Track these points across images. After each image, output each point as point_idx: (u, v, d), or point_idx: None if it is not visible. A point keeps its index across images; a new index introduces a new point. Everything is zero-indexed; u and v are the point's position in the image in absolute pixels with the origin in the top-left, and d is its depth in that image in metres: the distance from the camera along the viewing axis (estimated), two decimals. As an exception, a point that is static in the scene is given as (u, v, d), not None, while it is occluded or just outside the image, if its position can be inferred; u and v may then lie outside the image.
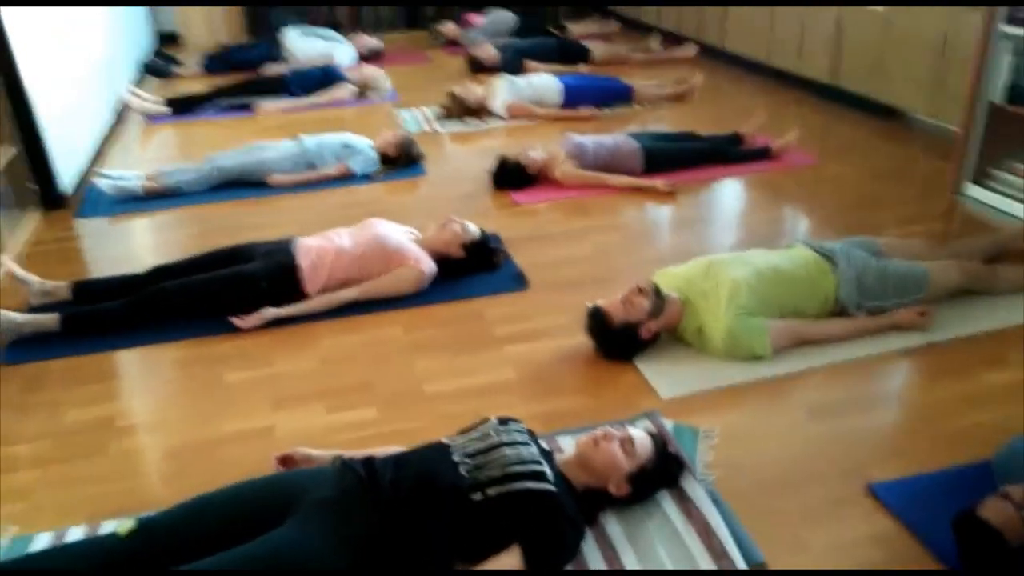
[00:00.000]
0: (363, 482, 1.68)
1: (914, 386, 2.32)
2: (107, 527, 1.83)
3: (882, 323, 2.50)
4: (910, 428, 2.12)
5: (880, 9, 4.39)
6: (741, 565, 1.66)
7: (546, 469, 1.69)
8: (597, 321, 2.41)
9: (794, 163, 4.01)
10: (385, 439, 2.07)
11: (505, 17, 6.97)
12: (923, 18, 4.13)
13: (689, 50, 6.13)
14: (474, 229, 3.00)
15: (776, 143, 4.07)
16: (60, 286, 2.83)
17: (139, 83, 5.93)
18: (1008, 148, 3.39)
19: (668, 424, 2.12)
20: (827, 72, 4.92)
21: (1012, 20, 3.15)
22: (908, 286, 2.53)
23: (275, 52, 6.21)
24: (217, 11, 7.37)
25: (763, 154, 4.05)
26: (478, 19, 7.01)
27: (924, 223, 3.29)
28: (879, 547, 1.73)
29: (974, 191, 3.46)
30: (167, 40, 7.37)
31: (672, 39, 6.58)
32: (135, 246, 3.45)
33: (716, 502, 1.83)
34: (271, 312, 2.68)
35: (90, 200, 3.86)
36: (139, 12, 6.88)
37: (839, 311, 2.53)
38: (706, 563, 1.68)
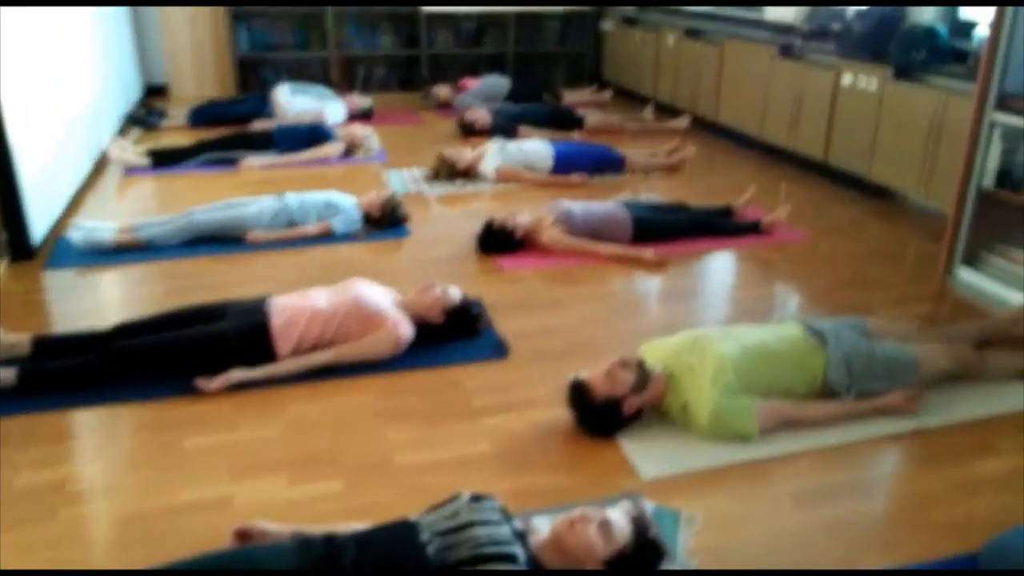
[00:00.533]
0: (322, 562, 1.59)
1: (903, 473, 2.24)
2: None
3: (871, 407, 2.43)
4: (899, 518, 2.04)
5: (873, 89, 4.45)
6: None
7: (518, 552, 1.61)
8: (579, 395, 2.33)
9: (785, 239, 4.00)
10: (350, 514, 1.96)
11: (499, 82, 7.06)
12: (915, 101, 4.19)
13: (682, 121, 6.20)
14: (456, 294, 2.93)
15: (767, 218, 4.06)
16: (20, 340, 2.71)
17: (123, 133, 5.91)
18: (998, 232, 3.38)
19: (649, 506, 2.03)
20: (820, 149, 4.96)
21: (1002, 107, 3.17)
22: (897, 370, 2.47)
23: (264, 108, 6.21)
24: (209, 65, 7.42)
25: (753, 228, 4.04)
26: (472, 83, 7.10)
27: (914, 305, 3.25)
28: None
29: (965, 274, 3.43)
30: (155, 92, 7.41)
31: (666, 110, 6.67)
32: (103, 300, 3.35)
33: (697, 594, 1.72)
34: (238, 375, 2.57)
35: (60, 251, 3.76)
36: (129, 62, 6.91)
37: (827, 392, 2.46)
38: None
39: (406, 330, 2.77)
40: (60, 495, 2.10)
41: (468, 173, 4.96)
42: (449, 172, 4.94)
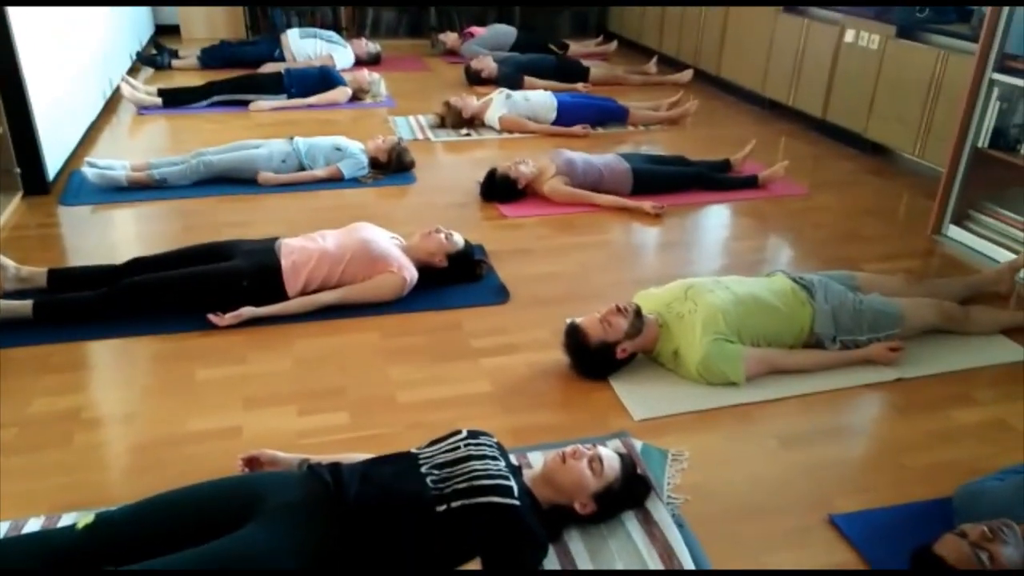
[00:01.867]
0: (328, 490, 1.67)
1: (883, 420, 2.34)
2: (67, 520, 1.81)
3: (855, 357, 2.52)
4: (876, 462, 2.14)
5: (874, 47, 4.45)
6: (699, 590, 1.67)
7: (512, 484, 1.69)
8: (574, 338, 2.41)
9: (782, 193, 4.05)
10: (355, 445, 2.06)
11: (506, 31, 7.00)
12: (915, 60, 4.20)
13: (685, 75, 6.18)
14: (459, 239, 3.00)
15: (764, 173, 4.10)
16: (36, 273, 2.80)
17: (133, 72, 5.91)
18: (988, 191, 3.45)
19: (638, 445, 2.13)
20: (819, 106, 4.98)
21: (1001, 68, 3.20)
22: (882, 322, 2.56)
23: (274, 51, 6.21)
24: (219, 6, 7.37)
25: (751, 182, 4.09)
26: (479, 31, 7.05)
27: (904, 260, 3.33)
28: (837, 578, 1.74)
29: (954, 232, 3.50)
30: (166, 32, 7.36)
31: (670, 63, 6.64)
32: (116, 236, 3.43)
33: (680, 525, 1.84)
34: (249, 311, 2.67)
35: (73, 187, 3.83)
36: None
37: (814, 343, 2.55)
38: (665, 587, 1.69)
39: (410, 273, 2.85)
40: (75, 422, 2.19)
41: (474, 121, 4.99)
42: (455, 120, 4.96)
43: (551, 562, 1.73)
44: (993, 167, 3.34)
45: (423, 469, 1.72)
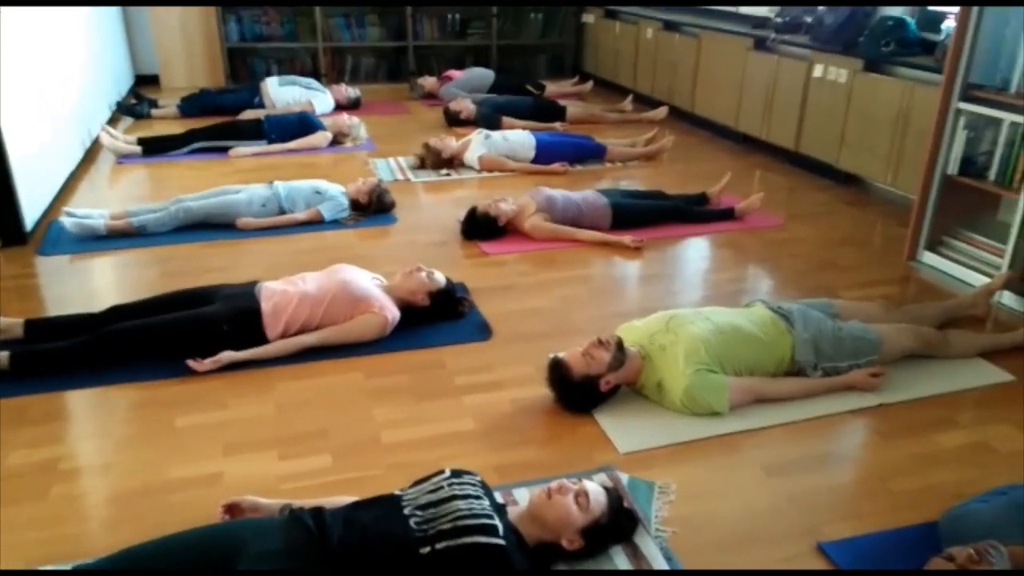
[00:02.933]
0: (311, 535, 1.64)
1: (867, 446, 2.34)
2: None
3: (836, 383, 2.53)
4: (862, 488, 2.14)
5: (843, 80, 4.57)
6: (690, 624, 1.65)
7: (497, 523, 1.67)
8: (557, 373, 2.41)
9: (758, 224, 4.11)
10: (338, 488, 2.03)
11: (483, 74, 7.12)
12: (883, 92, 4.31)
13: (660, 112, 6.30)
14: (440, 278, 3.01)
15: (740, 204, 4.16)
16: (13, 323, 2.77)
17: (113, 122, 5.94)
18: (961, 217, 3.52)
19: (624, 478, 2.12)
20: (792, 139, 5.08)
21: (966, 97, 3.29)
22: (862, 348, 2.58)
23: (254, 98, 6.26)
24: (199, 55, 7.45)
25: (727, 215, 4.14)
26: (457, 74, 7.16)
27: (880, 287, 3.37)
28: (828, 608, 1.73)
29: (929, 258, 3.56)
30: (146, 81, 7.42)
31: (645, 101, 6.76)
32: (95, 285, 3.40)
33: (668, 558, 1.83)
34: (229, 355, 2.65)
35: (51, 237, 3.81)
36: (119, 52, 6.93)
37: (795, 371, 2.57)
38: (655, 622, 1.66)
39: (392, 313, 2.85)
40: (52, 474, 2.15)
41: (453, 162, 5.05)
42: (435, 161, 5.01)
43: (539, 601, 1.70)
44: (964, 193, 3.41)
45: (406, 511, 1.71)
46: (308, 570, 1.58)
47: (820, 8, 4.88)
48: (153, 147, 5.21)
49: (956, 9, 3.25)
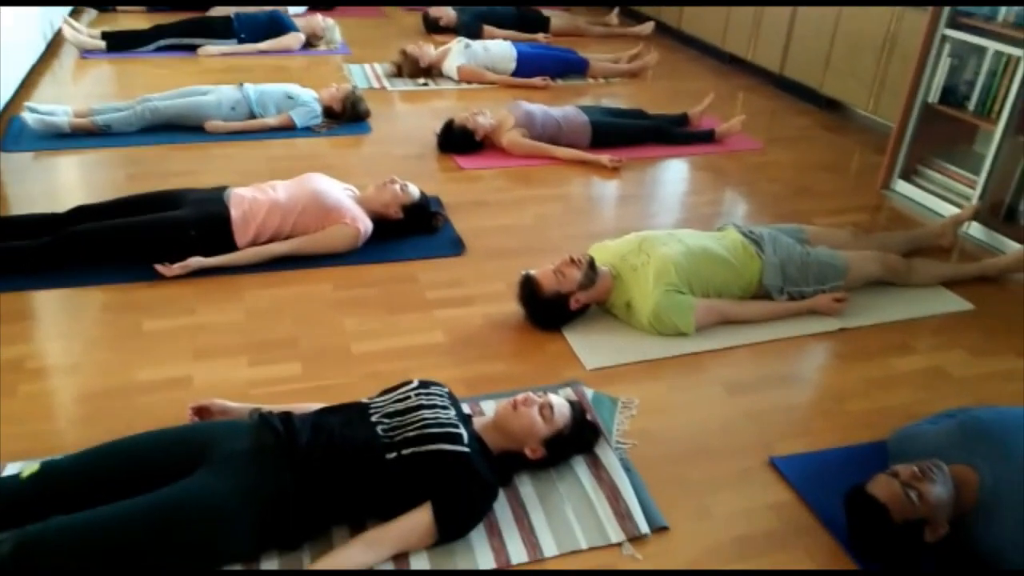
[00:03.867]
0: (279, 438, 1.67)
1: (825, 368, 2.41)
2: (11, 469, 1.78)
3: (801, 307, 2.58)
4: (818, 408, 2.21)
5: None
6: (644, 529, 1.73)
7: (462, 431, 1.72)
8: (528, 289, 2.43)
9: (738, 148, 4.08)
10: (307, 395, 2.06)
11: (465, -22, 6.85)
12: (871, 17, 4.22)
13: (646, 28, 6.14)
14: (415, 191, 2.97)
15: (721, 127, 4.12)
16: (-26, 221, 2.71)
17: (76, 15, 5.66)
18: (937, 147, 3.52)
19: (589, 393, 2.17)
20: (777, 62, 4.99)
21: (953, 24, 3.24)
22: (828, 274, 2.62)
23: (224, -6, 5.99)
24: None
25: (708, 137, 4.11)
26: (438, -23, 6.88)
27: (853, 214, 3.40)
28: (776, 515, 1.82)
29: (902, 187, 3.58)
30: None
31: (632, 15, 6.57)
32: (59, 184, 3.32)
33: (627, 469, 1.89)
34: (197, 261, 2.62)
35: (13, 134, 3.69)
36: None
37: (762, 294, 2.61)
38: (611, 525, 1.74)
39: (364, 225, 2.83)
40: (20, 372, 2.15)
41: (431, 71, 4.91)
42: (412, 69, 4.88)
43: (502, 506, 1.77)
44: (942, 123, 3.41)
45: (373, 418, 1.74)
46: (276, 473, 1.61)
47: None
48: (118, 42, 5.00)
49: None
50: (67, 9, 5.60)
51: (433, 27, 5.89)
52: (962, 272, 2.86)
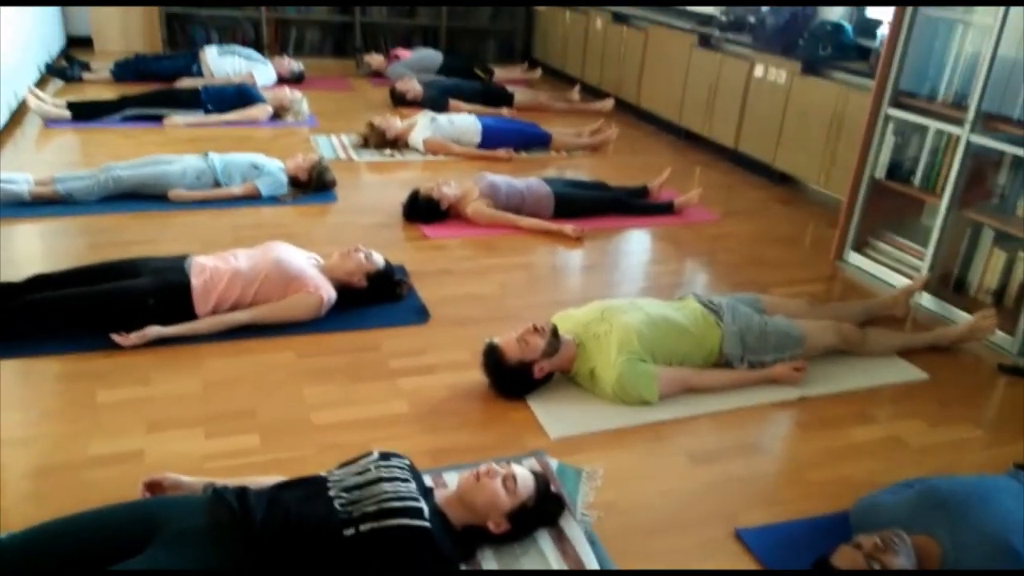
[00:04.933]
0: (234, 515, 1.62)
1: (787, 437, 2.43)
2: (-52, 550, 1.70)
3: (761, 376, 2.62)
4: (781, 477, 2.22)
5: (782, 82, 4.68)
6: (610, 606, 1.70)
7: (423, 505, 1.68)
8: (492, 358, 2.43)
9: (696, 219, 4.20)
10: (265, 468, 2.02)
11: (432, 55, 7.05)
12: (819, 94, 4.44)
13: (607, 104, 6.35)
14: (379, 259, 2.98)
15: (679, 199, 4.24)
16: (-73, 289, 2.64)
17: (42, 84, 5.67)
18: (886, 219, 3.66)
19: (553, 464, 2.15)
20: (732, 137, 5.19)
21: (896, 104, 3.41)
22: (786, 343, 2.67)
23: (192, 66, 6.07)
24: (135, 19, 7.16)
25: (667, 208, 4.22)
26: (406, 54, 7.08)
27: (808, 285, 3.49)
28: (742, 591, 1.80)
29: (854, 258, 3.70)
30: (79, 44, 7.10)
31: (592, 92, 6.81)
32: (17, 253, 3.25)
33: (592, 542, 1.86)
34: (155, 331, 2.58)
35: (-29, 201, 3.63)
36: (50, 12, 6.61)
37: (723, 363, 2.64)
38: (576, 603, 1.70)
39: (328, 293, 2.82)
40: (-32, 446, 2.07)
41: (397, 142, 5.00)
42: (379, 140, 4.96)
43: (464, 582, 1.72)
44: (890, 197, 3.55)
45: (331, 492, 1.70)
46: (231, 552, 1.56)
47: (763, 9, 4.98)
48: (84, 112, 5.00)
49: (890, 14, 3.36)
50: (32, 79, 5.61)
51: (400, 100, 6.02)
52: (916, 342, 2.93)
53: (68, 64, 6.12)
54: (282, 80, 6.35)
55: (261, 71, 6.20)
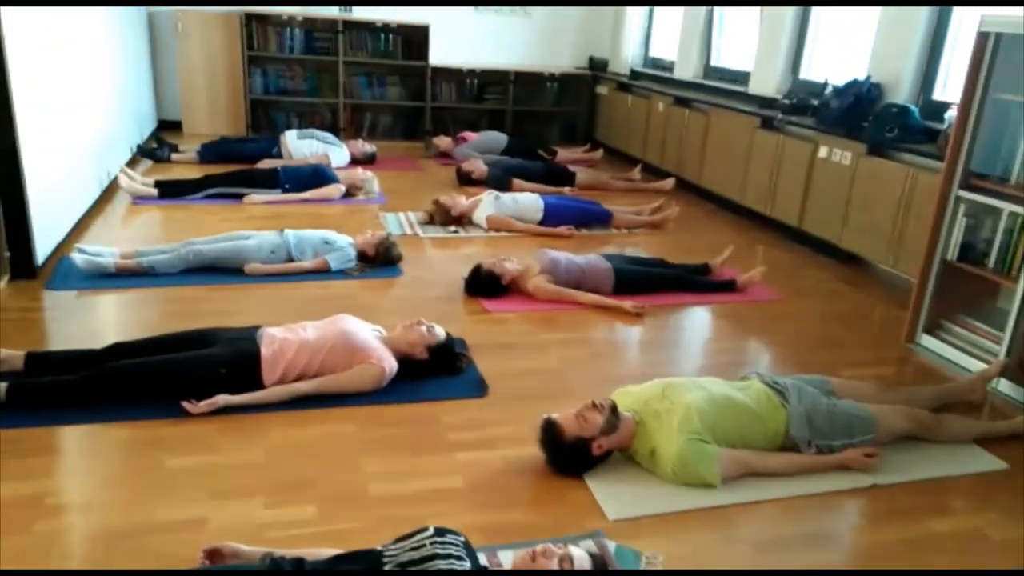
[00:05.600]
0: (289, 589, 1.63)
1: (858, 527, 2.32)
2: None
3: (830, 462, 2.52)
4: (852, 571, 2.10)
5: (847, 163, 4.66)
6: None
7: (478, 584, 1.66)
8: (550, 434, 2.41)
9: (758, 298, 4.14)
10: (322, 540, 2.02)
11: (497, 137, 7.29)
12: (886, 175, 4.39)
13: (668, 183, 6.40)
14: (440, 332, 3.03)
15: (742, 277, 4.20)
16: (14, 355, 2.79)
17: (132, 164, 6.07)
18: (959, 302, 3.54)
19: (612, 546, 2.10)
20: (795, 216, 5.15)
21: (967, 186, 3.35)
22: (856, 427, 2.57)
23: (272, 148, 6.42)
24: (222, 104, 7.65)
25: (728, 286, 4.18)
26: (472, 136, 7.33)
27: (877, 367, 3.37)
28: None
29: (927, 341, 3.57)
30: (169, 126, 7.61)
31: (654, 171, 6.89)
32: (100, 322, 3.43)
33: (650, 632, 1.79)
34: (224, 399, 2.65)
35: (61, 273, 3.86)
36: (145, 95, 7.13)
37: (789, 446, 2.56)
38: None
39: (390, 364, 2.87)
40: (38, 508, 2.14)
41: (462, 220, 5.13)
42: (444, 217, 5.10)
43: (516, 667, 1.67)
44: (963, 279, 3.44)
45: (387, 567, 1.70)
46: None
47: (826, 92, 5.01)
48: (169, 190, 5.32)
49: (958, 99, 3.34)
50: (124, 158, 6.01)
51: (465, 180, 6.21)
52: (993, 429, 2.79)
53: (158, 145, 6.54)
54: (355, 161, 6.64)
55: (336, 153, 6.50)
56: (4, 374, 2.72)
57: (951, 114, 4.01)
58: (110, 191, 5.39)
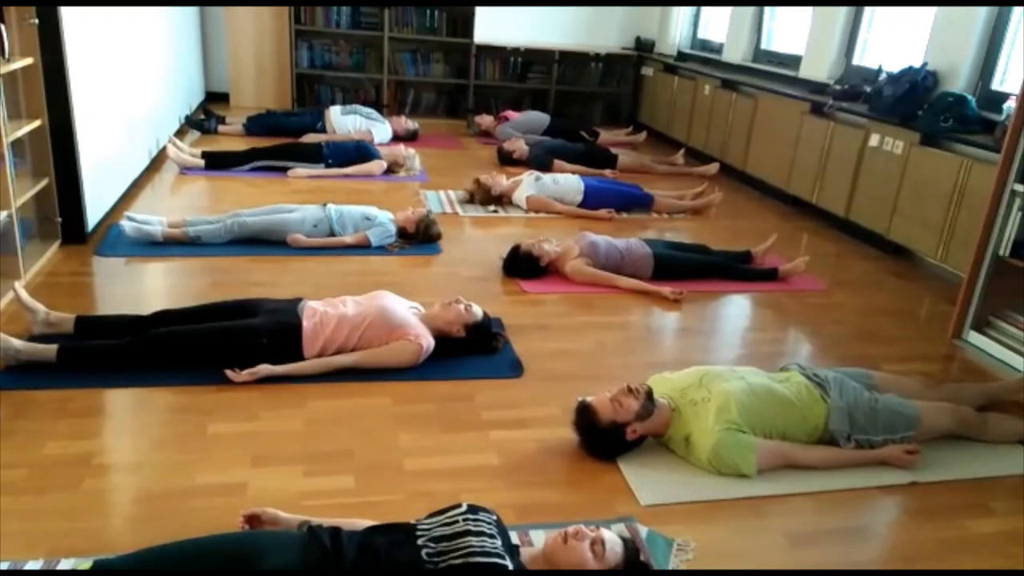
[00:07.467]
0: (327, 556, 1.66)
1: (896, 524, 2.28)
2: (65, 565, 1.81)
3: (869, 457, 2.48)
4: (888, 568, 2.07)
5: (898, 152, 4.54)
6: None
7: (508, 563, 1.68)
8: (584, 417, 2.41)
9: (802, 288, 4.07)
10: (358, 510, 2.05)
11: (539, 117, 7.24)
12: (939, 166, 4.26)
13: (711, 168, 6.31)
14: (478, 311, 3.04)
15: (785, 266, 4.14)
16: (64, 318, 2.88)
17: (180, 135, 6.18)
18: (1010, 299, 3.44)
19: (643, 531, 2.10)
20: (842, 206, 5.04)
21: (1023, 179, 3.24)
22: (898, 423, 2.52)
23: (317, 123, 6.47)
24: (269, 78, 7.73)
25: (771, 275, 4.12)
26: (514, 115, 7.30)
27: (922, 363, 3.30)
28: None
29: (974, 338, 3.48)
30: (216, 99, 7.72)
31: (697, 156, 6.79)
32: (146, 289, 3.52)
33: (680, 618, 1.80)
34: (266, 369, 2.70)
35: (110, 240, 3.96)
36: (194, 68, 7.24)
37: (828, 439, 2.52)
38: None
39: (427, 341, 2.89)
40: (85, 467, 2.21)
41: (502, 199, 5.13)
42: (484, 197, 5.10)
43: (545, 645, 1.69)
44: (1015, 276, 3.34)
45: (420, 541, 1.72)
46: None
47: (880, 79, 4.87)
48: (216, 161, 5.41)
49: (1018, 89, 3.22)
50: (173, 129, 6.12)
51: (507, 160, 6.20)
52: (1041, 430, 2.72)
53: (206, 117, 6.65)
54: (398, 138, 6.67)
55: (379, 129, 6.54)
56: (55, 336, 2.81)
57: (1010, 104, 3.87)
58: (159, 161, 5.50)
